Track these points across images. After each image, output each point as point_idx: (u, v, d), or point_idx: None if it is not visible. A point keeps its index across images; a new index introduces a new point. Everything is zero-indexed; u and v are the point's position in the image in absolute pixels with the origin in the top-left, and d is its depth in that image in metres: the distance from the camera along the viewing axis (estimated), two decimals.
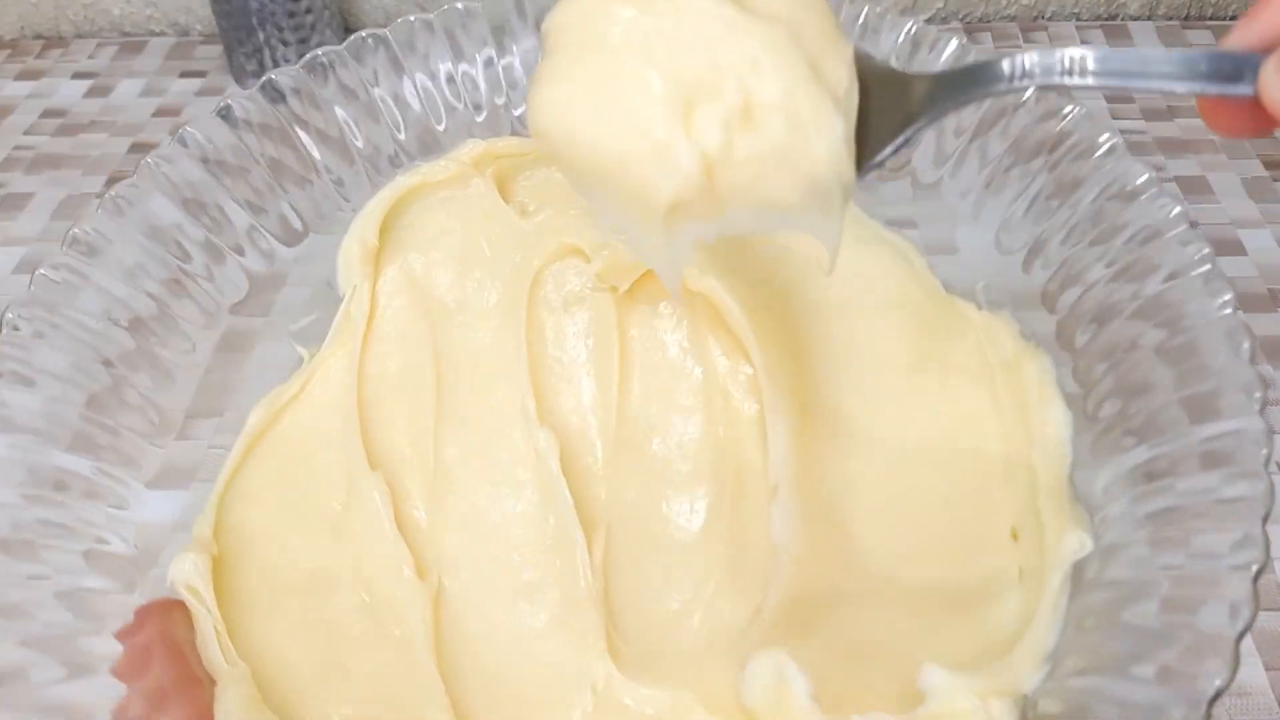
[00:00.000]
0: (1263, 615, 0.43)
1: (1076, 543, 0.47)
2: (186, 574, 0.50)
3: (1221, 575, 0.39)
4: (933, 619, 0.49)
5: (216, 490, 0.55)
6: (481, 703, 0.49)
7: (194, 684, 0.48)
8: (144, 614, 0.50)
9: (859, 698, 0.45)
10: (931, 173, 0.61)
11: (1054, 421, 0.52)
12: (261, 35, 0.84)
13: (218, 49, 0.96)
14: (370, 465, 0.56)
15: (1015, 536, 0.51)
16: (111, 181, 0.56)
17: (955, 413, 0.56)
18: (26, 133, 0.86)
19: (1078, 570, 0.47)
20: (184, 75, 0.94)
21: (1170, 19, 0.95)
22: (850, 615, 0.50)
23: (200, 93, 0.93)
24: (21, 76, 0.95)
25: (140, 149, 0.59)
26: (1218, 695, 0.36)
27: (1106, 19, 0.96)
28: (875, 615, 0.50)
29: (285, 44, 0.84)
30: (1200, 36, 0.94)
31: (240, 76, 0.91)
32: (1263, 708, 0.41)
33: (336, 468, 0.57)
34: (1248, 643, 0.45)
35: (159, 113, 0.89)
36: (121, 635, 0.48)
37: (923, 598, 0.50)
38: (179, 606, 0.50)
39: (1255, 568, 0.37)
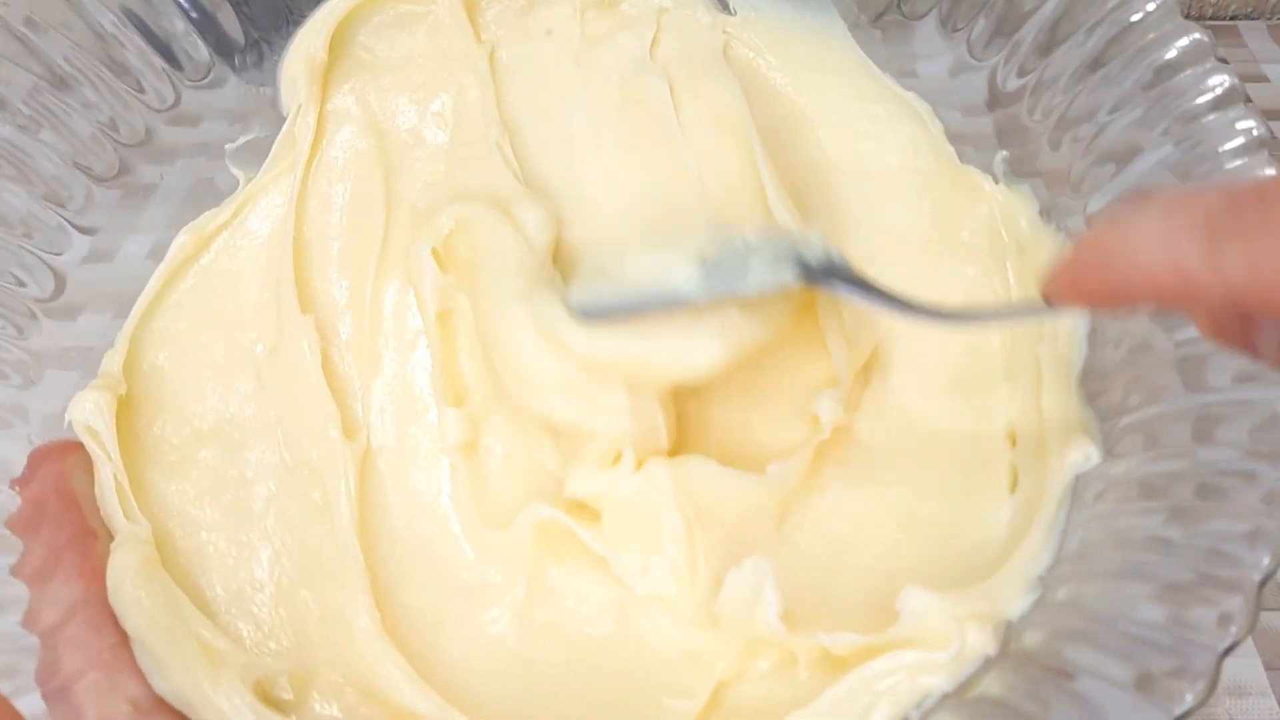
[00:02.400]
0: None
1: (1081, 453, 0.42)
2: (86, 413, 0.45)
3: (1250, 509, 0.34)
4: (917, 523, 0.44)
5: (129, 323, 0.49)
6: (401, 581, 0.44)
7: (89, 538, 0.43)
8: (39, 457, 0.45)
9: (831, 616, 0.40)
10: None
11: (1068, 315, 0.46)
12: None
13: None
14: (301, 309, 0.50)
15: (1013, 440, 0.46)
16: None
17: (957, 291, 0.50)
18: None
19: (1080, 486, 0.42)
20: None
21: None
22: (838, 503, 0.45)
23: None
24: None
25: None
26: (1229, 650, 0.31)
27: None
28: (862, 506, 0.45)
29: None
30: None
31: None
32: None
33: (265, 309, 0.51)
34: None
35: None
36: (14, 483, 0.43)
37: (910, 496, 0.45)
38: (78, 450, 0.45)
39: None
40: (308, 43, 0.55)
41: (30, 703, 0.37)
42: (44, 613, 0.40)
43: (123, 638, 0.40)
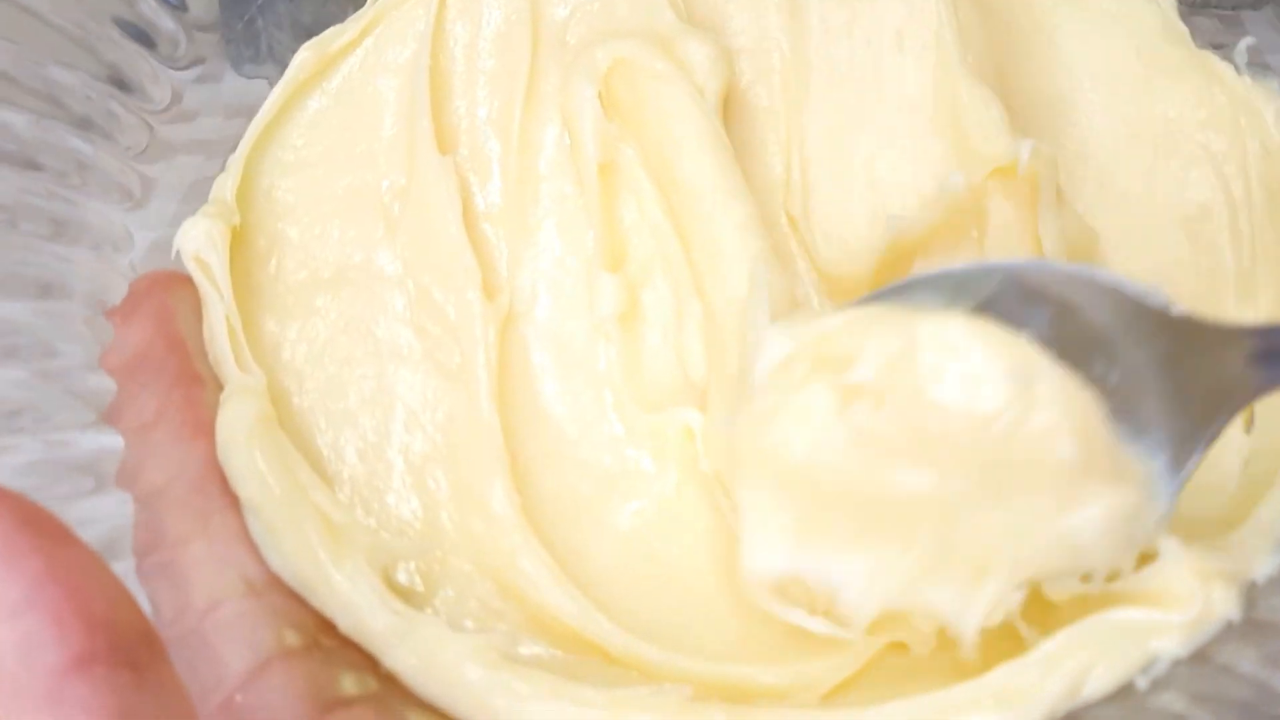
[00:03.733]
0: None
1: None
2: (197, 242, 0.39)
3: None
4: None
5: (243, 146, 0.43)
6: (541, 461, 0.39)
7: (196, 386, 0.38)
8: (141, 290, 0.40)
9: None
10: None
11: None
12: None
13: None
14: (440, 148, 0.43)
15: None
16: None
17: (1188, 199, 0.43)
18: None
19: None
20: None
21: None
22: None
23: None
24: None
25: None
26: None
27: None
28: None
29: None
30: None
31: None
32: None
33: (398, 143, 0.45)
34: None
35: None
36: (112, 314, 0.38)
37: None
38: (185, 284, 0.40)
39: None
40: None
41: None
42: (144, 470, 0.35)
43: (233, 503, 0.35)
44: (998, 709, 0.32)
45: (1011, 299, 0.33)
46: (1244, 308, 0.41)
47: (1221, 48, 0.46)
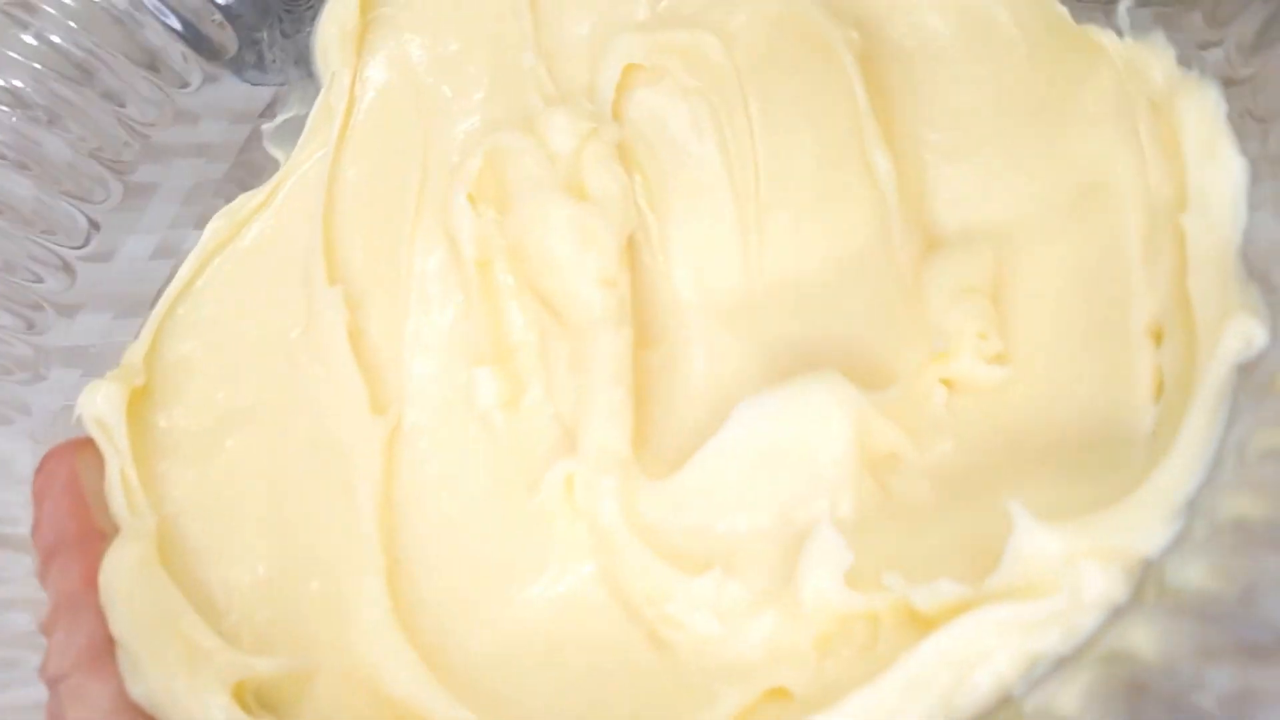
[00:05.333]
0: None
1: (1241, 335, 0.31)
2: (96, 407, 0.41)
3: None
4: (1037, 449, 0.35)
5: (156, 314, 0.46)
6: (423, 566, 0.38)
7: (94, 539, 0.39)
8: (50, 458, 0.42)
9: (925, 569, 0.32)
10: None
11: (1220, 173, 0.36)
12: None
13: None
14: (329, 279, 0.45)
15: (1158, 337, 0.35)
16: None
17: (1075, 176, 0.40)
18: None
19: (1247, 380, 0.31)
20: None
21: None
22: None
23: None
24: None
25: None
26: None
27: None
28: (970, 432, 0.37)
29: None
30: None
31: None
32: None
33: (299, 288, 0.46)
34: None
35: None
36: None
37: (1030, 416, 0.36)
38: (89, 447, 0.41)
39: None
40: (338, 9, 0.51)
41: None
42: (44, 613, 0.37)
43: (109, 639, 0.35)
44: None
45: None
46: (1151, 272, 0.37)
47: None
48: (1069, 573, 0.28)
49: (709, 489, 0.36)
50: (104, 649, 0.36)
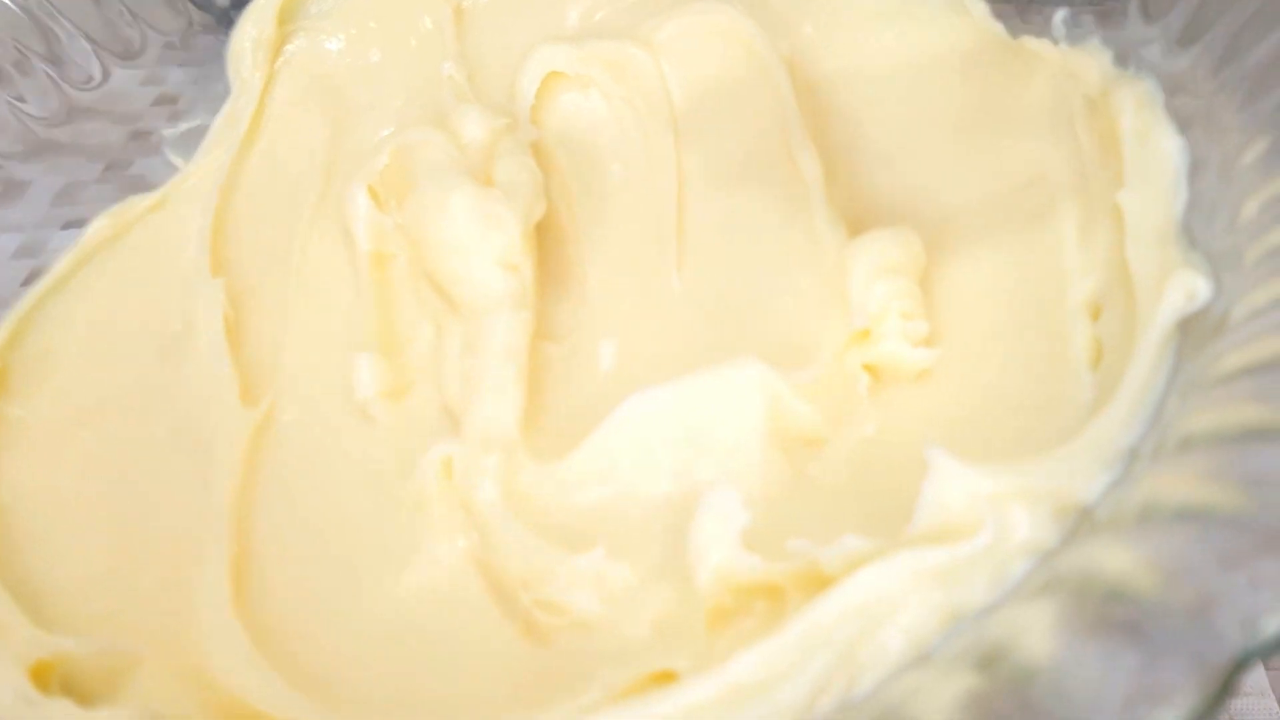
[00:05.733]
0: None
1: (1184, 289, 0.28)
2: None
3: None
4: (967, 423, 0.31)
5: (20, 307, 0.42)
6: (278, 559, 0.33)
7: None
8: None
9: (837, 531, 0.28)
10: None
11: (1158, 153, 0.34)
12: None
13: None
14: (213, 271, 0.42)
15: (1095, 313, 0.32)
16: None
17: (1009, 177, 0.38)
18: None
19: (1194, 336, 0.28)
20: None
21: None
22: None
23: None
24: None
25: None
26: None
27: None
28: (895, 415, 0.33)
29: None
30: None
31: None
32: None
33: (180, 284, 0.43)
34: None
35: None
36: None
37: (960, 393, 0.33)
38: None
39: None
40: (255, 19, 0.49)
41: None
42: None
43: None
44: (732, 708, 0.23)
45: None
46: (1088, 252, 0.34)
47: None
48: (993, 514, 0.24)
49: (601, 471, 0.33)
50: None
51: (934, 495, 0.25)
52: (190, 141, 0.50)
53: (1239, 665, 0.17)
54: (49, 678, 0.29)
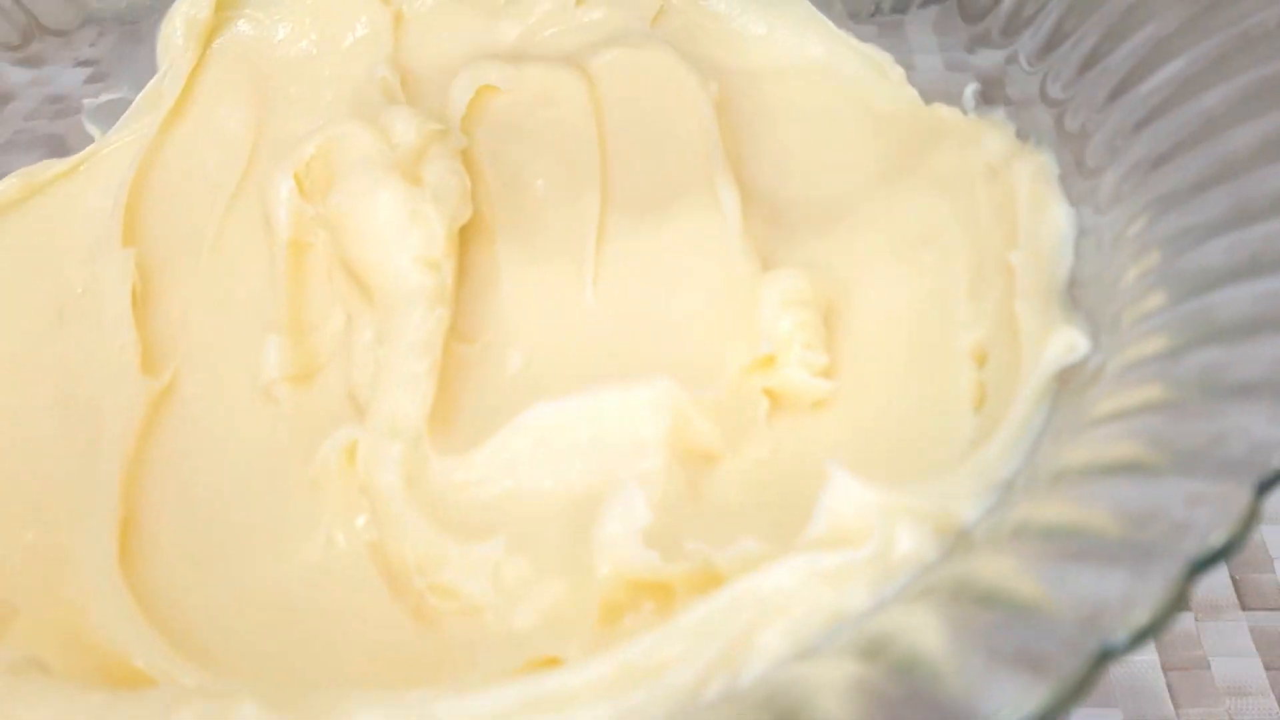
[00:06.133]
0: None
1: (1065, 343, 0.31)
2: None
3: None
4: (858, 449, 0.33)
5: None
6: (168, 528, 0.33)
7: None
8: None
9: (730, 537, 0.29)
10: None
11: (1050, 220, 0.36)
12: None
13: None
14: (123, 241, 0.41)
15: (981, 360, 0.35)
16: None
17: (910, 229, 0.40)
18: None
19: (1068, 389, 0.31)
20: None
21: None
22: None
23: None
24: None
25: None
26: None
27: None
28: (790, 436, 0.35)
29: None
30: None
31: None
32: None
33: (85, 251, 0.42)
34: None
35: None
36: None
37: (853, 425, 0.35)
38: None
39: None
40: (191, 2, 0.49)
41: None
42: None
43: None
44: (621, 689, 0.24)
45: None
46: (978, 306, 0.37)
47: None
48: (881, 526, 0.26)
49: (504, 468, 0.33)
50: None
51: (829, 504, 0.27)
52: (109, 114, 0.49)
53: (1101, 657, 0.19)
54: None
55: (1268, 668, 0.39)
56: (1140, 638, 0.19)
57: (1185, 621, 0.40)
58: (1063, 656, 0.19)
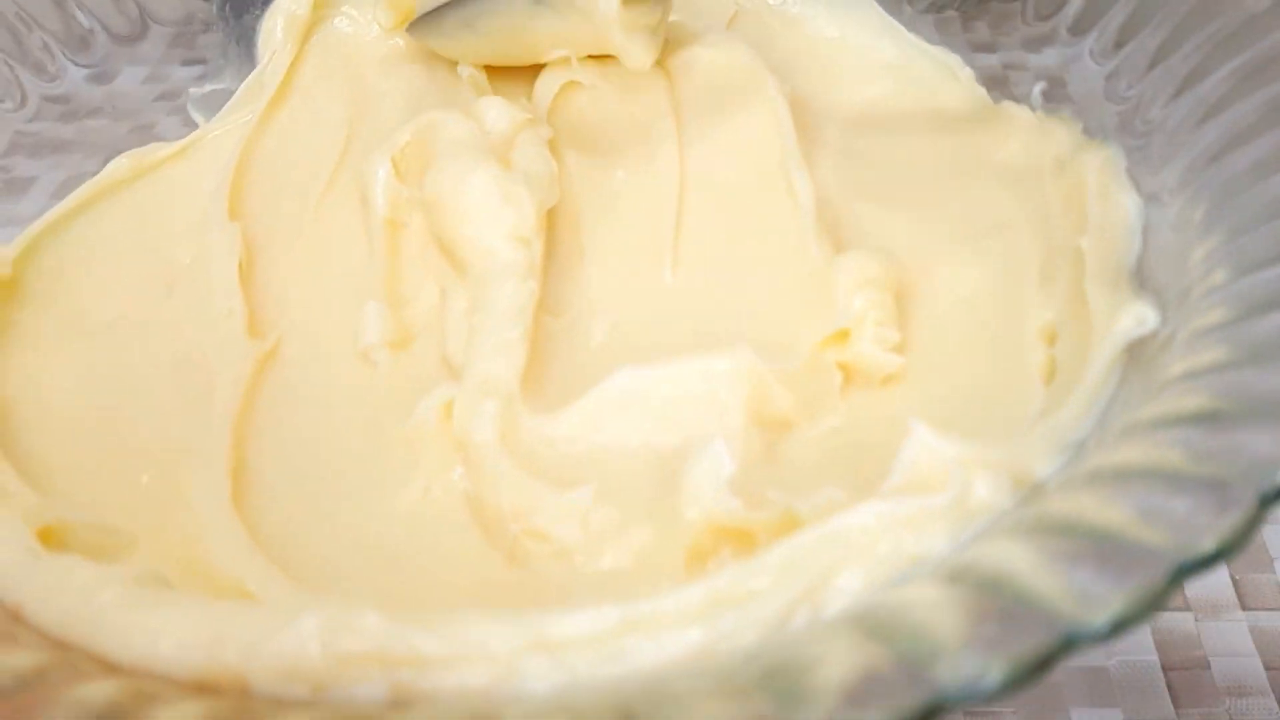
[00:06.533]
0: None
1: (1135, 317, 0.32)
2: None
3: None
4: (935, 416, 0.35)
5: (36, 225, 0.44)
6: (280, 472, 0.35)
7: None
8: None
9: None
10: None
11: (1118, 208, 0.38)
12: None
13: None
14: (230, 216, 0.44)
15: (1051, 340, 0.36)
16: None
17: (981, 219, 0.42)
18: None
19: (1138, 360, 0.32)
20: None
21: None
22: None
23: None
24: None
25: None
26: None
27: None
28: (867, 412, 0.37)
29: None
30: None
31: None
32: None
33: (195, 224, 0.45)
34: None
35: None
36: None
37: (925, 400, 0.36)
38: None
39: None
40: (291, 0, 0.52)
41: None
42: None
43: None
44: (712, 615, 0.26)
45: None
46: (1048, 291, 0.38)
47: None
48: (958, 475, 0.28)
49: (592, 426, 0.35)
50: None
51: (908, 455, 0.28)
52: (212, 102, 0.52)
53: (1178, 575, 0.20)
54: (52, 542, 0.31)
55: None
56: (1214, 559, 0.21)
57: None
58: (1143, 571, 0.20)
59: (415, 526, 0.34)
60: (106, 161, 0.48)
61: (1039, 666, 0.19)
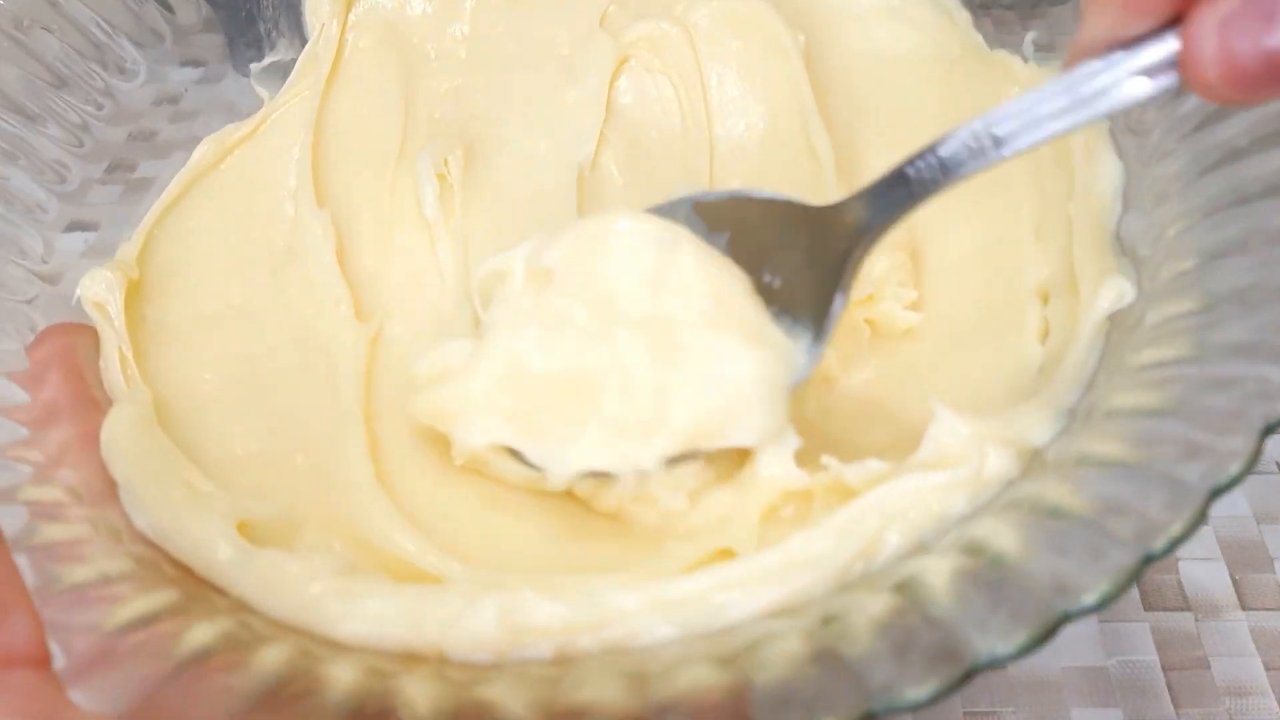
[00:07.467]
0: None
1: (1115, 291, 0.39)
2: (96, 291, 0.45)
3: None
4: (945, 377, 0.42)
5: (147, 220, 0.49)
6: (409, 447, 0.42)
7: (89, 405, 0.42)
8: (47, 333, 0.45)
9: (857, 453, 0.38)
10: None
11: (1101, 174, 0.44)
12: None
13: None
14: (318, 202, 0.49)
15: (1045, 297, 0.43)
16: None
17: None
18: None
19: (1117, 329, 0.39)
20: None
21: None
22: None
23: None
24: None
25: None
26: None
27: None
28: (886, 369, 0.44)
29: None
30: None
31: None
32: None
33: (284, 208, 0.51)
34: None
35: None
36: (28, 350, 0.43)
37: (939, 355, 0.44)
38: (87, 331, 0.45)
39: None
40: None
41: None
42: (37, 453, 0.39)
43: (112, 486, 0.38)
44: (789, 574, 0.34)
45: (698, 226, 0.40)
46: (1044, 248, 0.44)
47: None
48: (975, 451, 0.35)
49: None
50: (108, 489, 0.38)
51: (934, 434, 0.35)
52: (273, 75, 0.56)
53: (1143, 561, 0.28)
54: (246, 535, 0.38)
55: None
56: (1174, 545, 0.28)
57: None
58: (1117, 555, 0.28)
59: (528, 499, 0.41)
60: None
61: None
